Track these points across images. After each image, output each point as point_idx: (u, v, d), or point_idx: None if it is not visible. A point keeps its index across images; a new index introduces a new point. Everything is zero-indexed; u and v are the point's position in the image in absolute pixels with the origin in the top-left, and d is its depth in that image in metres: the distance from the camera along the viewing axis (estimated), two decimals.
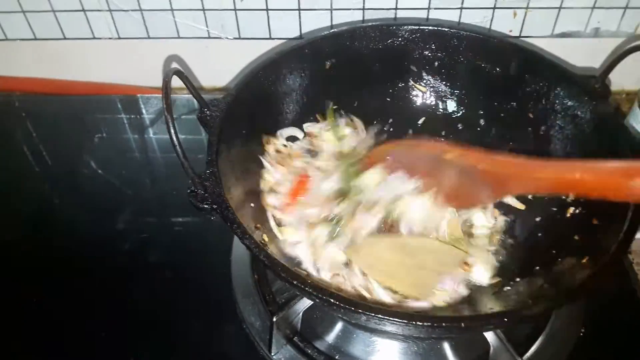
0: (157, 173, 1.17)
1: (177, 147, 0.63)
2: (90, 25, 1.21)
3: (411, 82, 1.01)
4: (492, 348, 0.74)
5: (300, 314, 0.79)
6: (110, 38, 1.23)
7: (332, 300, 0.58)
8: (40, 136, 1.22)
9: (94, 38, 1.24)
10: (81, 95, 1.32)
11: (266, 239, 0.79)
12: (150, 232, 1.01)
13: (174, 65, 1.26)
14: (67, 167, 1.16)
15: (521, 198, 0.90)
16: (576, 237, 0.76)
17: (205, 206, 0.67)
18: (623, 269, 0.91)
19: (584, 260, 0.69)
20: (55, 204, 1.10)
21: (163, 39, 1.22)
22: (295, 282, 0.60)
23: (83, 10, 1.18)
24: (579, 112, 0.83)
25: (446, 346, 0.82)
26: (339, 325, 0.84)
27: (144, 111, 1.27)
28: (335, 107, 0.99)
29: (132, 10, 1.17)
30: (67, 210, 1.08)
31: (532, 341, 0.81)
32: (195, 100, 0.80)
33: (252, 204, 0.83)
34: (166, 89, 0.65)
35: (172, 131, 0.63)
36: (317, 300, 0.60)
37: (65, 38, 1.24)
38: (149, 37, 1.22)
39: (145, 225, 1.03)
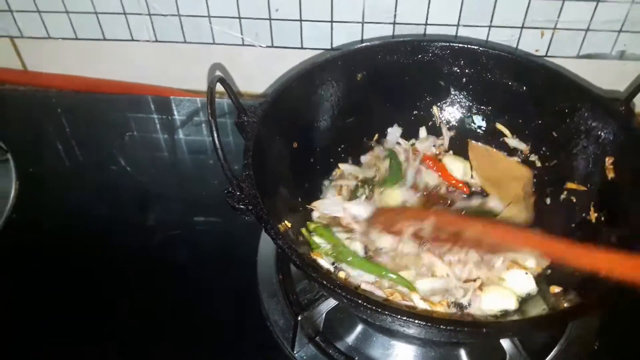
0: (187, 173, 1.20)
1: (219, 150, 0.67)
2: (129, 27, 1.26)
3: (434, 108, 1.05)
4: (508, 356, 0.76)
5: (324, 314, 0.82)
6: (147, 41, 1.28)
7: (359, 302, 0.62)
8: (73, 132, 1.27)
9: (132, 40, 1.28)
10: (115, 94, 1.36)
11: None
12: (178, 231, 1.04)
13: (209, 69, 1.31)
14: (98, 163, 1.20)
15: None
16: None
17: (242, 206, 0.71)
18: None
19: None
20: (85, 199, 1.13)
21: (199, 44, 1.27)
22: (325, 283, 0.63)
23: (124, 13, 1.23)
24: (602, 133, 0.86)
25: (462, 352, 0.84)
26: (359, 328, 0.87)
27: (175, 112, 1.31)
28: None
29: (171, 15, 1.22)
30: (96, 206, 1.11)
31: (547, 351, 0.83)
32: (231, 104, 0.83)
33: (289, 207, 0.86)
34: (211, 95, 0.69)
35: (215, 134, 0.67)
36: (345, 301, 0.63)
37: (104, 39, 1.29)
38: (185, 42, 1.27)
39: (172, 225, 1.06)
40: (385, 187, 0.97)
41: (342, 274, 0.83)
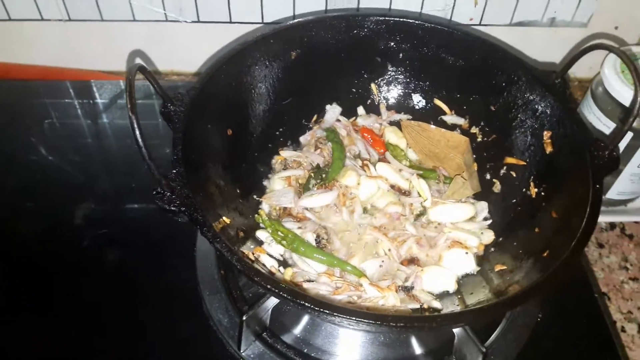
0: (115, 160, 1.12)
1: (143, 148, 0.61)
2: (37, 5, 1.14)
3: (372, 86, 1.03)
4: (456, 337, 0.76)
5: (269, 310, 0.79)
6: (60, 20, 1.17)
7: (305, 304, 0.59)
8: None
9: (42, 19, 1.17)
10: (29, 80, 1.25)
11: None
12: (108, 224, 0.98)
13: (129, 53, 1.22)
14: (15, 153, 1.11)
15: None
16: (537, 230, 0.79)
17: (173, 208, 0.65)
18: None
19: (545, 255, 0.72)
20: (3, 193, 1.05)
21: (117, 21, 1.17)
22: (269, 287, 0.59)
23: None
24: (539, 107, 0.85)
25: (413, 336, 0.84)
26: (306, 318, 0.85)
27: (97, 96, 1.22)
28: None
29: None
30: (18, 201, 1.03)
31: (493, 327, 0.84)
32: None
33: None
34: (130, 87, 0.62)
35: (137, 132, 0.61)
36: (292, 304, 0.60)
37: (10, 19, 1.17)
38: (102, 20, 1.17)
39: (102, 217, 0.99)
40: (334, 171, 0.94)
41: (288, 271, 0.80)
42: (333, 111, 1.03)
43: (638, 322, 0.91)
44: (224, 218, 0.77)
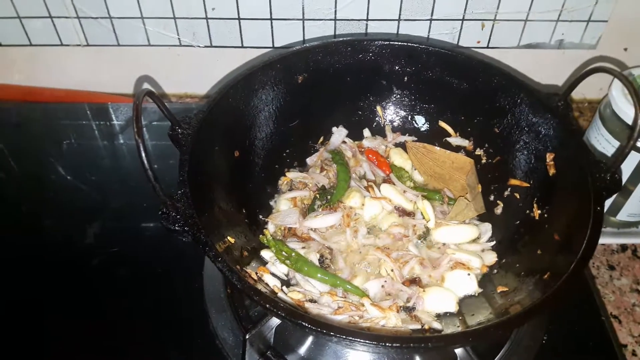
0: (129, 180, 1.15)
1: (148, 170, 0.63)
2: (57, 32, 1.19)
3: (377, 108, 1.05)
4: (458, 358, 0.77)
5: (273, 329, 0.80)
6: (78, 45, 1.22)
7: (304, 324, 0.60)
8: (7, 142, 1.20)
9: (62, 45, 1.21)
10: (49, 103, 1.29)
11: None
12: (119, 243, 1.00)
13: (145, 74, 1.26)
14: (35, 173, 1.15)
15: None
16: (539, 252, 0.79)
17: (177, 228, 0.67)
18: (584, 280, 0.95)
19: (546, 277, 0.72)
20: (23, 211, 1.08)
21: (133, 46, 1.21)
22: (268, 306, 0.61)
23: (50, 17, 1.16)
24: (542, 129, 0.86)
25: (416, 357, 0.84)
26: (311, 338, 0.85)
27: (114, 118, 1.26)
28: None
29: (101, 17, 1.16)
30: (36, 217, 1.07)
31: (497, 349, 0.83)
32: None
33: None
34: (137, 112, 0.65)
35: (143, 154, 0.63)
36: (290, 323, 0.61)
37: (31, 44, 1.22)
38: (118, 45, 1.21)
39: (114, 235, 1.02)
40: (338, 192, 0.95)
41: (294, 294, 0.81)
42: (339, 133, 1.05)
43: None
44: (229, 238, 0.78)
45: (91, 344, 0.86)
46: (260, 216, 0.94)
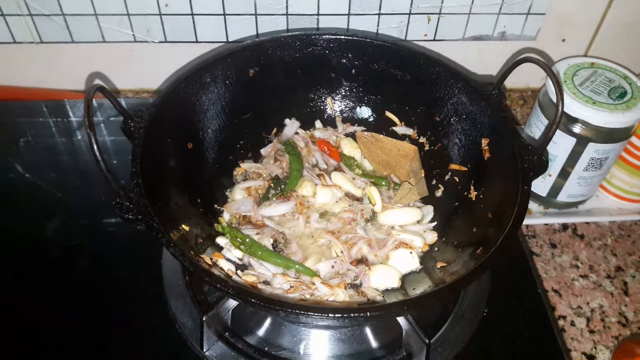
0: (88, 175, 1.16)
1: (101, 162, 0.66)
2: (10, 29, 1.19)
3: (327, 100, 1.09)
4: (404, 331, 0.82)
5: (230, 311, 0.83)
6: (32, 42, 1.22)
7: (254, 301, 0.64)
8: None
9: (15, 42, 1.22)
10: (4, 101, 1.29)
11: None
12: (80, 235, 1.02)
13: (100, 70, 1.27)
14: None
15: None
16: (474, 230, 0.85)
17: (131, 217, 0.70)
18: (522, 254, 1.01)
19: (479, 251, 0.78)
20: None
21: (88, 43, 1.22)
22: (219, 286, 0.65)
23: (2, 14, 1.16)
24: (477, 116, 0.92)
25: (367, 332, 0.89)
26: (268, 320, 0.89)
27: (71, 115, 1.27)
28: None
29: (54, 14, 1.17)
30: None
31: (441, 323, 0.89)
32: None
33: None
34: (88, 107, 0.67)
35: (95, 147, 0.66)
36: (240, 301, 0.65)
37: None
38: (73, 42, 1.22)
39: (75, 228, 1.04)
40: (291, 182, 0.99)
41: (248, 277, 0.85)
42: (292, 125, 1.09)
43: (586, 316, 0.96)
44: (183, 226, 0.82)
45: (52, 333, 0.89)
46: (216, 205, 0.97)
